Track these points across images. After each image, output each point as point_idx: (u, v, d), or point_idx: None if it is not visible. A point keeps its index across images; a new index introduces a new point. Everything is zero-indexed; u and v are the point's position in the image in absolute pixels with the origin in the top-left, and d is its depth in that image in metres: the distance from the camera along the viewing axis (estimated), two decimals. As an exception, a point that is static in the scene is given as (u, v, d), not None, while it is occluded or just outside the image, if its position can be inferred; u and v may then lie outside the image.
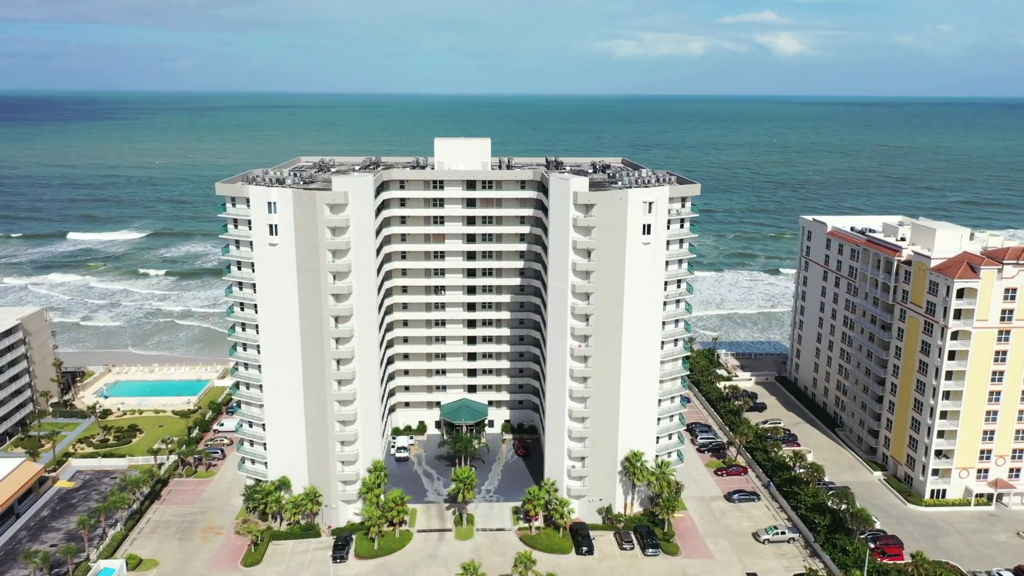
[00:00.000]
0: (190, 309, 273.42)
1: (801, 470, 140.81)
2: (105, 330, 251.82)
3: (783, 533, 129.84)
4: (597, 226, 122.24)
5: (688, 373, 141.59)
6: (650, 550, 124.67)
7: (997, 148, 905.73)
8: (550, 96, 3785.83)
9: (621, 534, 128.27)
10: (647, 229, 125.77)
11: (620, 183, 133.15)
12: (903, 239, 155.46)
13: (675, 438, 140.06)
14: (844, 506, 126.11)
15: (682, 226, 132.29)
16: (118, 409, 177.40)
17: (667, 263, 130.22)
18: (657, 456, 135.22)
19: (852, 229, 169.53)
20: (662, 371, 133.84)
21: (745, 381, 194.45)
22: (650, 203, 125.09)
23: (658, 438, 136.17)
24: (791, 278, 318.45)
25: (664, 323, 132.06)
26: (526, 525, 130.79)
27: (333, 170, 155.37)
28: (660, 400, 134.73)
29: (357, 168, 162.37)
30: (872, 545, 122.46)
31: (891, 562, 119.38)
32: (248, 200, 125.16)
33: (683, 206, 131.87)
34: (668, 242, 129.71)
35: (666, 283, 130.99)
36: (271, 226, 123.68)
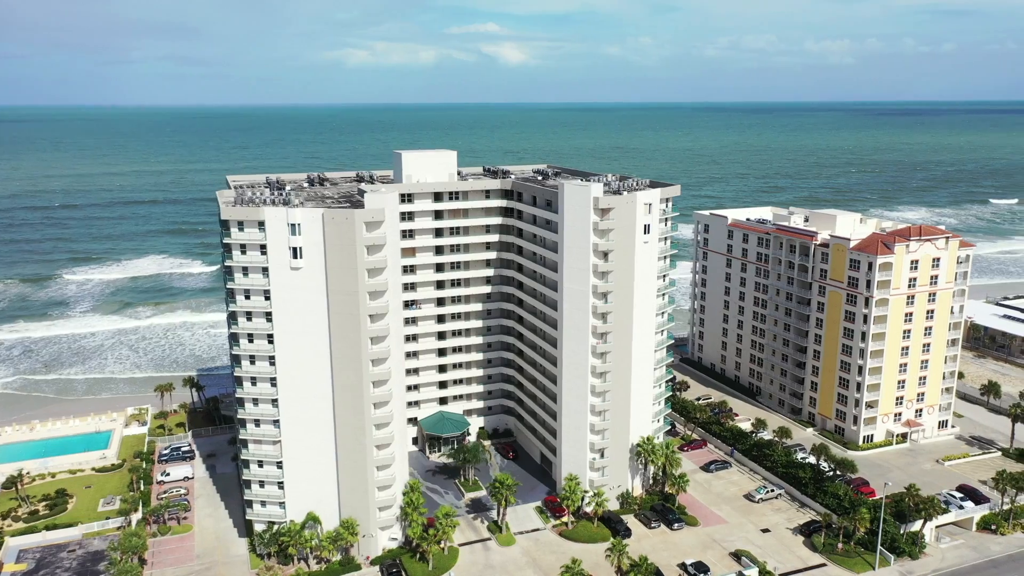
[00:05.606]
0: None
1: (771, 436, 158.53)
2: None
3: (771, 491, 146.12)
4: (615, 228, 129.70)
5: (668, 363, 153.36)
6: (676, 524, 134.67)
7: (712, 145, 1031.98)
8: (281, 106, 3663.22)
9: (647, 515, 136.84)
10: (647, 229, 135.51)
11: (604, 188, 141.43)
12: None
13: (663, 421, 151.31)
14: (823, 459, 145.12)
15: (667, 225, 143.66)
16: (23, 475, 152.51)
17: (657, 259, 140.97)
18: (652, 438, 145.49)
19: (748, 220, 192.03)
20: (655, 359, 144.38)
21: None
22: (649, 204, 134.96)
23: (652, 421, 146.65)
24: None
25: (656, 314, 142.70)
26: (558, 522, 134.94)
27: (288, 188, 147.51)
28: (654, 386, 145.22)
29: (306, 185, 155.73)
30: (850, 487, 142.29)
31: (871, 498, 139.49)
32: (261, 223, 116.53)
33: (667, 206, 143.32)
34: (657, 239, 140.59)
35: (657, 277, 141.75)
36: (294, 249, 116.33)
